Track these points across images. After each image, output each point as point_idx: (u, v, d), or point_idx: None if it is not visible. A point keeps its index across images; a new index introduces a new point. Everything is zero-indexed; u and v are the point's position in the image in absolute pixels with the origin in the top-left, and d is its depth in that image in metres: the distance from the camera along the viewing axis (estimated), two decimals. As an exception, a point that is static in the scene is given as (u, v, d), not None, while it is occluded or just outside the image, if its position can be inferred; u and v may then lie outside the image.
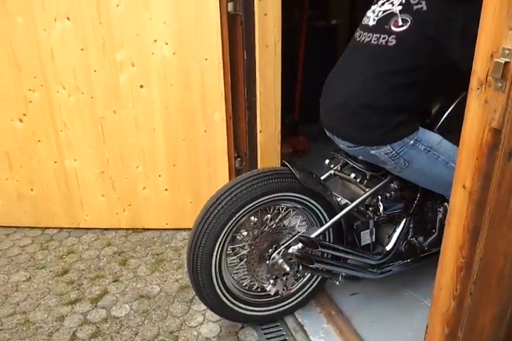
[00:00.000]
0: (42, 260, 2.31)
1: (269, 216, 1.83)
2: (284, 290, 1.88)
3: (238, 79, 2.22)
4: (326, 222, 1.81)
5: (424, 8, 1.52)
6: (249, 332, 1.84)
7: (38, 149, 2.37)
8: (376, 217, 1.85)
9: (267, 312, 1.90)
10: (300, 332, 1.85)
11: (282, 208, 1.85)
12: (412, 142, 1.60)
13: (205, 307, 1.83)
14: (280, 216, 1.85)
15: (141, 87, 2.22)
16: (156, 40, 2.11)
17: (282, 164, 1.86)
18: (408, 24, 1.53)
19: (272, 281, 1.82)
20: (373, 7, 1.65)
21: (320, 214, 1.83)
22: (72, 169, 2.41)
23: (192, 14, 2.06)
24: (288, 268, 1.77)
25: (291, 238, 1.77)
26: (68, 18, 2.10)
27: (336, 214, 1.78)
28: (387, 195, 1.83)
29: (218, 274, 1.72)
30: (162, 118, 2.28)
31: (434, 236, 1.92)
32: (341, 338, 1.80)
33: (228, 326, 1.87)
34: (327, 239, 1.88)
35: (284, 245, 1.76)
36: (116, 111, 2.28)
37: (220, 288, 1.74)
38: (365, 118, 1.63)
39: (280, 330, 1.87)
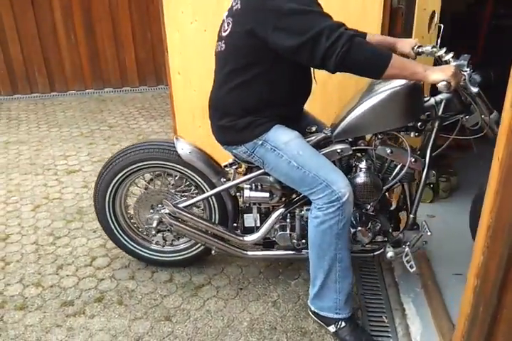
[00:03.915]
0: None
1: (171, 179, 2.10)
2: (164, 243, 2.16)
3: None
4: (211, 199, 2.02)
5: (238, 6, 1.60)
6: (349, 276, 2.18)
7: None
8: (248, 203, 1.95)
9: (153, 256, 2.21)
10: (393, 288, 2.10)
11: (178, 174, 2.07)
12: (261, 142, 1.71)
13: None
14: (173, 181, 2.10)
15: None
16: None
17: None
18: (230, 26, 1.63)
19: (153, 232, 2.09)
20: None
21: (205, 190, 2.02)
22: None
23: (359, 6, 2.33)
24: (155, 224, 2.05)
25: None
26: None
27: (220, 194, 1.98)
28: (255, 185, 1.90)
29: (112, 211, 2.12)
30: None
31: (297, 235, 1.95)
32: (428, 303, 1.97)
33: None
34: (213, 216, 2.07)
35: (163, 206, 2.02)
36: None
37: (113, 224, 2.15)
38: (218, 122, 1.78)
39: (377, 282, 2.13)
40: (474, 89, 1.61)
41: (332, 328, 1.82)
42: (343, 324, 1.80)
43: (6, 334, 1.89)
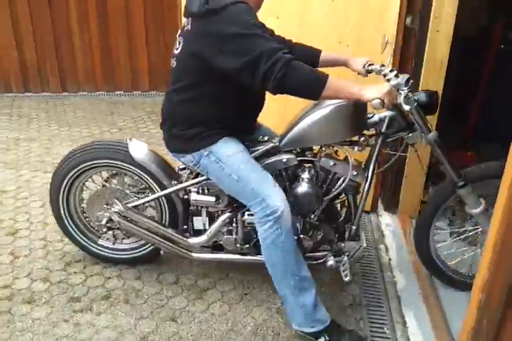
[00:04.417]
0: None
1: (127, 179, 2.18)
2: (115, 240, 2.21)
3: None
4: (161, 200, 2.10)
5: (188, 27, 1.68)
6: (353, 288, 2.20)
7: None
8: (197, 206, 2.03)
9: (102, 252, 2.29)
10: (395, 301, 2.13)
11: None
12: (206, 153, 1.79)
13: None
14: (129, 182, 2.18)
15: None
16: (340, 42, 2.50)
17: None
18: (181, 45, 1.73)
19: (104, 229, 2.15)
20: None
21: (156, 191, 2.08)
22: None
23: (373, 23, 2.40)
24: (104, 222, 2.11)
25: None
26: (277, 17, 2.64)
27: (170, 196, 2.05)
28: (202, 189, 1.98)
29: (65, 204, 2.20)
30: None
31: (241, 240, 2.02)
32: (429, 317, 2.01)
33: (337, 278, 2.27)
34: (164, 217, 2.14)
35: (113, 204, 2.08)
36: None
37: (67, 219, 2.23)
38: (168, 130, 1.87)
39: (379, 294, 2.17)
40: (406, 107, 1.69)
41: None
42: (327, 337, 1.83)
43: (14, 326, 1.92)
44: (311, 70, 1.59)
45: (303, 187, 1.86)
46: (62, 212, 2.23)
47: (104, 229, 2.17)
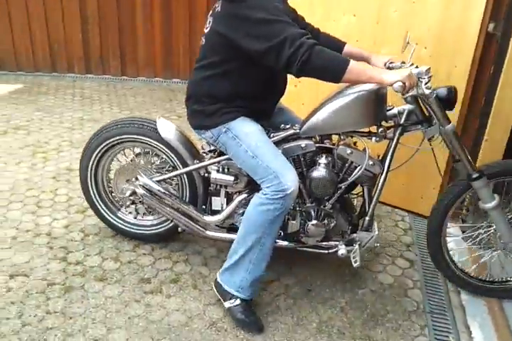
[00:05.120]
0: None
1: (156, 159, 2.26)
2: (137, 215, 2.32)
3: (480, 89, 2.44)
4: (183, 178, 2.16)
5: (218, 9, 1.76)
6: (417, 294, 2.18)
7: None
8: (216, 186, 2.09)
9: (122, 226, 2.37)
10: (459, 311, 2.10)
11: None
12: (224, 129, 1.86)
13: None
14: (157, 161, 2.26)
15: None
16: (417, 43, 2.43)
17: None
18: (210, 25, 1.81)
19: (127, 203, 2.25)
20: None
21: (178, 167, 2.15)
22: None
23: (454, 27, 2.33)
24: (127, 194, 2.21)
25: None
26: (354, 15, 2.64)
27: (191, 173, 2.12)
28: (223, 168, 2.02)
29: (93, 176, 2.32)
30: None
31: None
32: (495, 328, 1.98)
33: (400, 282, 2.27)
34: (185, 194, 2.19)
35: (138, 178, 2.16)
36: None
37: (93, 192, 2.35)
38: (191, 106, 1.94)
39: (443, 302, 2.14)
40: (427, 91, 1.70)
41: (227, 304, 1.93)
42: (238, 302, 1.91)
43: (88, 302, 1.99)
44: (333, 54, 1.66)
45: (319, 171, 1.92)
46: (89, 183, 2.34)
47: (128, 203, 2.27)
